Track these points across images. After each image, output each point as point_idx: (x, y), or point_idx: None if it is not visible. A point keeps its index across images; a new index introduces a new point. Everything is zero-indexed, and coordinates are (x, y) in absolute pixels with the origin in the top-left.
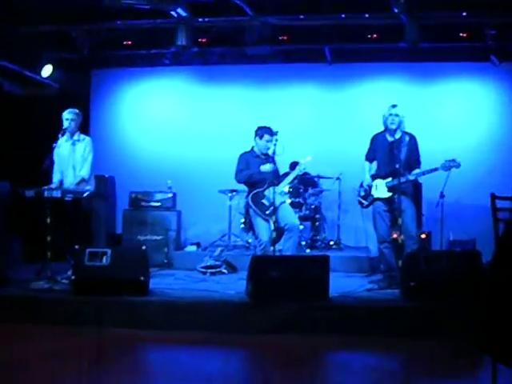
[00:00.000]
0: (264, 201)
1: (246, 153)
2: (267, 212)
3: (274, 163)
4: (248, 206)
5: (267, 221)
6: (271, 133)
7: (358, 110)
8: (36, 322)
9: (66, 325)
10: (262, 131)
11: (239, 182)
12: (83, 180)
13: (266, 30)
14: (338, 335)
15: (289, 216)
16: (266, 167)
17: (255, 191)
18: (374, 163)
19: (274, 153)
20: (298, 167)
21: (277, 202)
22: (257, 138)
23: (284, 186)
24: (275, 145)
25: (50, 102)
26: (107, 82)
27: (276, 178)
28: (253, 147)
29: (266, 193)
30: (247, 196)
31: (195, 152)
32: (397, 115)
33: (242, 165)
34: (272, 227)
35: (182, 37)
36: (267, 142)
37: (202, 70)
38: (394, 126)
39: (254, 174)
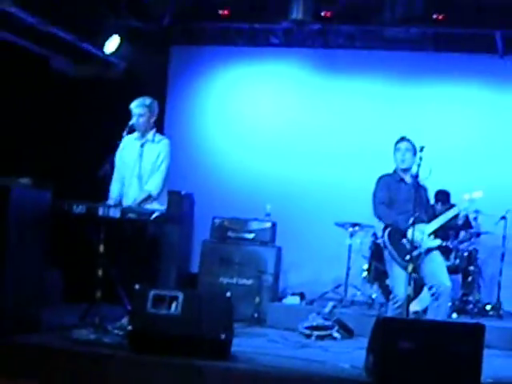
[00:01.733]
0: (404, 241)
1: (386, 176)
2: (407, 257)
3: (418, 186)
4: (380, 245)
5: (406, 269)
6: (400, 139)
7: None
8: None
9: None
10: (395, 143)
11: (378, 217)
12: (150, 197)
13: (415, 5)
14: None
15: (439, 273)
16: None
17: (395, 227)
18: None
19: (417, 174)
20: (461, 205)
21: (422, 247)
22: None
23: (435, 227)
24: (419, 165)
25: (114, 86)
26: (191, 63)
27: (425, 210)
28: (395, 169)
29: (409, 231)
30: (382, 232)
31: (306, 169)
32: None
33: (383, 192)
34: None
35: (298, 8)
36: (397, 151)
37: (323, 56)
38: None
39: (399, 221)
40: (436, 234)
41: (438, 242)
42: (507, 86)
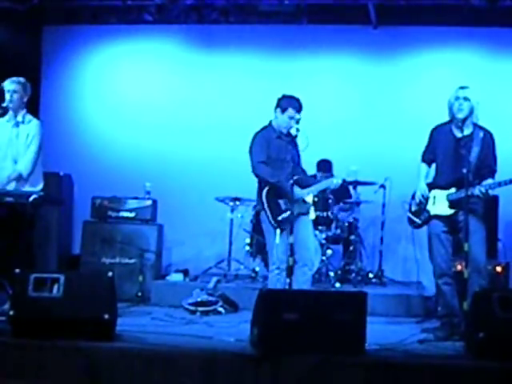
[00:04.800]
0: (281, 202)
1: (263, 130)
2: (280, 217)
3: (294, 145)
4: (259, 205)
5: (275, 230)
6: (299, 108)
7: (412, 92)
8: None
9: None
10: (287, 102)
11: (258, 176)
12: (21, 177)
13: None
14: None
15: (306, 241)
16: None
17: (277, 185)
18: (434, 167)
19: (291, 134)
20: (335, 179)
21: (295, 211)
22: (278, 109)
23: (309, 194)
24: (297, 129)
25: None
26: (64, 43)
27: (301, 174)
28: (270, 122)
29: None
30: (261, 191)
31: (184, 145)
32: (466, 99)
33: (262, 150)
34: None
35: None
36: (290, 118)
37: (198, 31)
38: (461, 115)
39: (282, 182)
40: (313, 202)
41: (309, 209)
42: (381, 56)
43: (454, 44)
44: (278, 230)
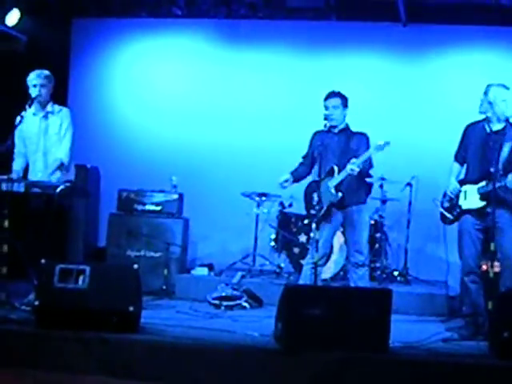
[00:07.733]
0: (315, 195)
1: (321, 132)
2: (311, 212)
3: (350, 135)
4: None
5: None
6: (328, 96)
7: (440, 90)
8: None
9: (24, 368)
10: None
11: None
12: (62, 165)
13: None
14: None
15: (361, 239)
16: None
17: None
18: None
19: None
20: (351, 165)
21: (324, 202)
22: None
23: (338, 180)
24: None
25: (16, 60)
26: (93, 36)
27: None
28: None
29: (323, 184)
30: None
31: (212, 139)
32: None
33: (309, 147)
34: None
35: None
36: (324, 109)
37: (226, 26)
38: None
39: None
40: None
41: (339, 195)
42: (409, 54)
43: (482, 43)
44: (314, 225)
